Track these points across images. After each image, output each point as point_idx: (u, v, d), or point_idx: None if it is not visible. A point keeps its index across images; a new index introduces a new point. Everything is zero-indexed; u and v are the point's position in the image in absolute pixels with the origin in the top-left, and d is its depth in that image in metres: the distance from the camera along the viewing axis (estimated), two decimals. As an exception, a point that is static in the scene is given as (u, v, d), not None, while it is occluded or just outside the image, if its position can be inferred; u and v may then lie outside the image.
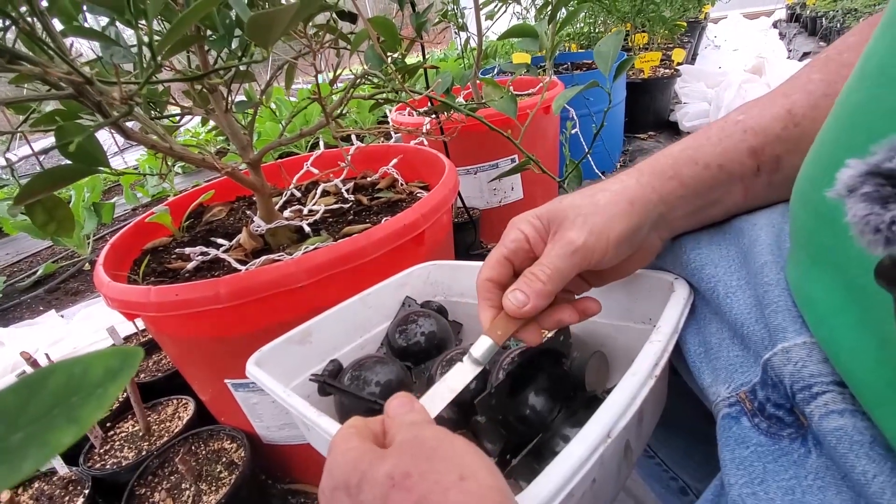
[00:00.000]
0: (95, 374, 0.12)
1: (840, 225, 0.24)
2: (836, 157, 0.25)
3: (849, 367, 0.24)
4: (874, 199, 0.16)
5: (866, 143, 0.23)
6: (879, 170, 0.16)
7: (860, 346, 0.24)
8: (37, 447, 0.11)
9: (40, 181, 0.47)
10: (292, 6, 0.35)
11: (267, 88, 0.77)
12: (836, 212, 0.24)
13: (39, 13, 0.36)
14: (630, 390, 0.29)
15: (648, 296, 0.41)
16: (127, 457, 0.81)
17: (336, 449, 0.25)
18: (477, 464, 0.23)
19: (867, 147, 0.22)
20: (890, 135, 0.16)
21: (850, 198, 0.16)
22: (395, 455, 0.23)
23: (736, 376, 0.31)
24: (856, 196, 0.16)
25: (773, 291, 0.29)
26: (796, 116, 0.33)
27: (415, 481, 0.22)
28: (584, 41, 2.59)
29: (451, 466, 0.22)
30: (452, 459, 0.23)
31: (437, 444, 0.23)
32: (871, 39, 0.25)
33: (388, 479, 0.22)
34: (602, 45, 0.57)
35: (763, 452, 0.27)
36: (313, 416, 0.36)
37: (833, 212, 0.25)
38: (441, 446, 0.23)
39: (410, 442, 0.24)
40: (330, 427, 0.35)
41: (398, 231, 0.68)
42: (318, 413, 0.37)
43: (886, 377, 0.22)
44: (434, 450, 0.23)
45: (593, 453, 0.25)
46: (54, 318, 1.54)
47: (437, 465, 0.22)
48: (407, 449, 0.23)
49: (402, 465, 0.22)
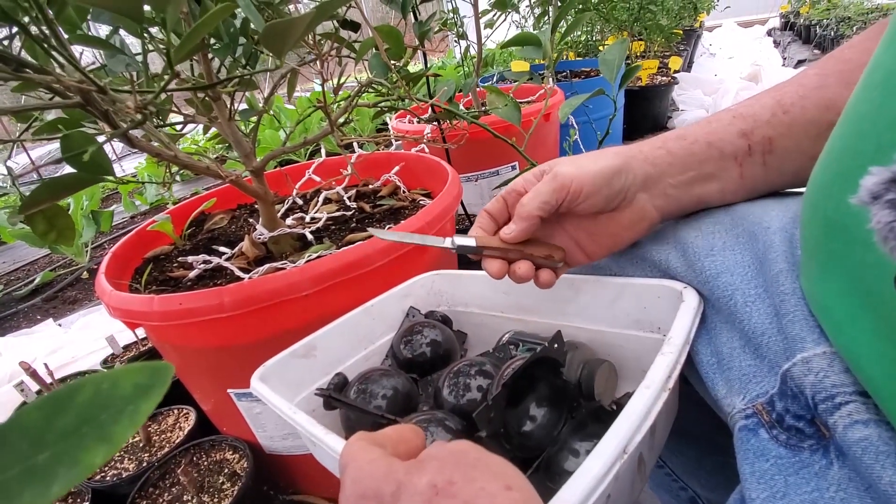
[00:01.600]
0: (125, 389, 0.12)
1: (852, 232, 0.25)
2: (844, 166, 0.26)
3: (870, 376, 0.24)
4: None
5: (875, 152, 0.23)
6: None
7: (879, 355, 0.23)
8: (66, 467, 0.11)
9: (45, 190, 0.47)
10: (308, 15, 0.35)
11: (270, 97, 0.77)
12: (847, 218, 0.24)
13: (49, 21, 0.35)
14: (644, 404, 0.28)
15: (657, 305, 0.41)
16: (127, 468, 0.80)
17: (358, 459, 0.25)
18: (520, 477, 0.23)
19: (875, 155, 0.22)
20: None
21: (875, 204, 0.16)
22: (437, 464, 0.23)
23: (751, 387, 0.31)
24: (880, 203, 0.16)
25: (790, 301, 0.29)
26: (785, 105, 0.35)
27: (460, 487, 0.21)
28: (581, 49, 2.61)
29: (495, 476, 0.22)
30: (496, 470, 0.22)
31: (480, 456, 0.23)
32: (877, 50, 0.25)
33: (430, 487, 0.22)
34: (607, 54, 0.57)
35: (783, 465, 0.27)
36: (320, 434, 0.36)
37: (844, 218, 0.25)
38: (483, 457, 0.23)
39: (451, 452, 0.24)
40: (337, 445, 0.34)
41: (403, 239, 0.67)
42: (326, 431, 0.36)
43: None
44: (478, 460, 0.23)
45: (610, 470, 0.25)
46: (52, 326, 1.52)
47: (481, 473, 0.22)
48: (448, 459, 0.23)
49: (446, 474, 0.22)
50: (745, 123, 0.35)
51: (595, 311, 0.45)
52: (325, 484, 0.85)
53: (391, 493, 0.22)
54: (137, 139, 0.56)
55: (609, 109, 0.65)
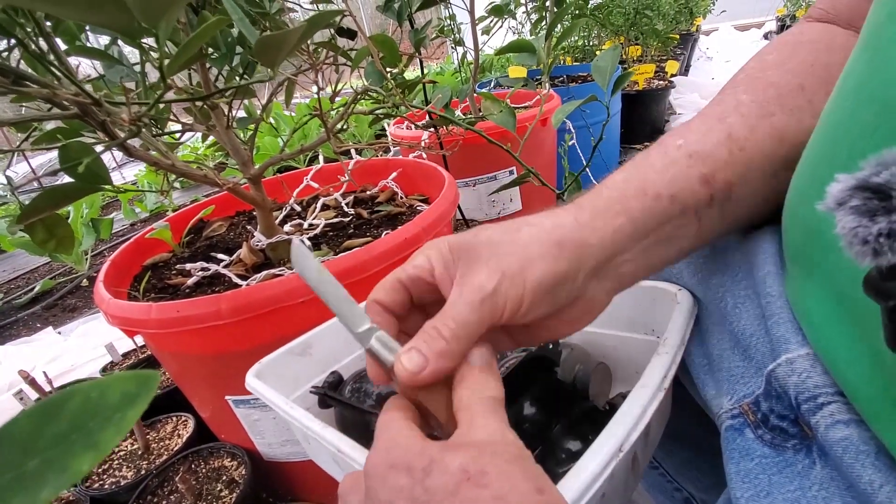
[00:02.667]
0: (112, 398, 0.12)
1: (828, 237, 0.25)
2: (819, 173, 0.26)
3: (847, 379, 0.25)
4: (862, 212, 0.16)
5: (847, 159, 0.24)
6: (867, 184, 0.16)
7: (855, 358, 0.24)
8: (55, 473, 0.11)
9: (44, 199, 0.47)
10: (300, 28, 0.35)
11: (268, 105, 0.78)
12: (823, 224, 0.25)
13: (45, 34, 0.36)
14: (640, 403, 0.29)
15: (652, 307, 0.41)
16: (125, 476, 0.80)
17: (394, 428, 0.24)
18: (551, 484, 0.22)
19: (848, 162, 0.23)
20: (873, 151, 0.17)
21: (840, 210, 0.17)
22: (474, 451, 0.22)
23: (738, 388, 0.31)
24: (845, 209, 0.17)
25: (776, 303, 0.29)
26: (739, 140, 0.31)
27: (491, 479, 0.21)
28: (578, 54, 2.63)
29: (530, 476, 0.21)
30: (532, 471, 0.22)
31: (520, 452, 0.22)
32: (850, 58, 0.26)
33: (461, 471, 0.21)
34: (600, 60, 0.58)
35: (768, 464, 0.27)
36: (317, 429, 0.36)
37: (820, 224, 0.25)
38: (523, 454, 0.22)
39: (492, 439, 0.23)
40: (334, 438, 0.34)
41: (399, 245, 0.68)
42: (323, 425, 0.36)
43: (881, 388, 0.22)
44: (516, 456, 0.22)
45: (605, 468, 0.25)
46: (52, 334, 1.52)
47: (516, 470, 0.21)
48: (487, 447, 0.22)
49: (481, 462, 0.21)
50: (705, 166, 0.30)
51: None
52: (322, 491, 0.85)
53: (422, 468, 0.22)
54: (135, 148, 0.56)
55: (605, 114, 0.66)
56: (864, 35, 0.25)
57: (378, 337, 0.26)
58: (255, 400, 0.71)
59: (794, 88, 0.32)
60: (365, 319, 0.27)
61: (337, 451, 0.33)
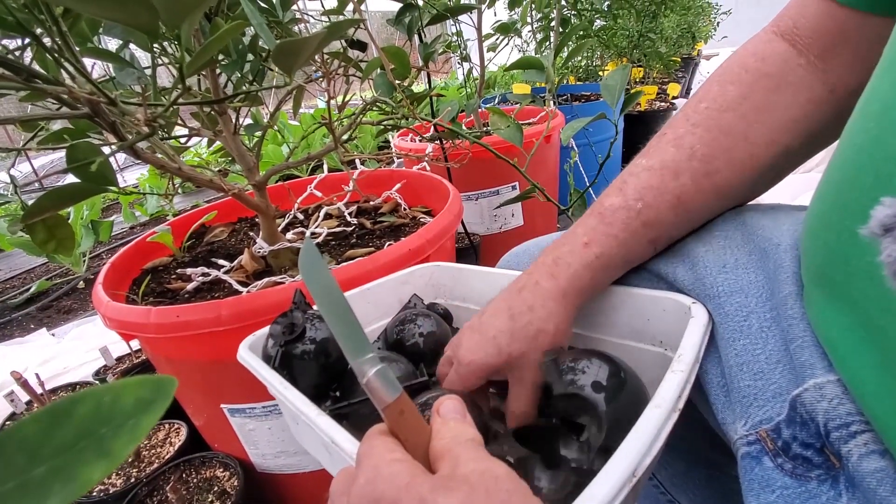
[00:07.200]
0: (126, 403, 0.12)
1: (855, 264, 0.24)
2: (842, 197, 0.25)
3: (875, 412, 0.24)
4: None
5: (874, 182, 0.23)
6: None
7: (884, 390, 0.23)
8: (62, 482, 0.11)
9: (48, 200, 0.47)
10: (319, 34, 0.35)
11: (276, 112, 0.78)
12: (849, 249, 0.24)
13: (62, 33, 0.36)
14: (655, 424, 0.27)
15: (662, 318, 0.40)
16: (114, 484, 0.78)
17: (378, 456, 0.22)
18: None
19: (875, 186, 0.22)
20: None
21: (887, 237, 0.16)
22: (467, 489, 0.20)
23: (752, 411, 0.30)
24: (893, 235, 0.16)
25: (799, 325, 0.29)
26: (686, 203, 0.37)
27: None
28: (582, 74, 2.66)
29: None
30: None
31: (515, 489, 0.21)
32: (872, 79, 0.25)
33: None
34: (609, 79, 0.58)
35: (790, 496, 0.26)
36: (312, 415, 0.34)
37: (845, 249, 0.24)
38: (519, 490, 0.21)
39: (483, 477, 0.21)
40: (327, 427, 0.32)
41: (403, 256, 0.67)
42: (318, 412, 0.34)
43: None
44: (510, 494, 0.21)
45: (618, 495, 0.23)
46: (45, 336, 1.51)
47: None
48: (479, 486, 0.21)
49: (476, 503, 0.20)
50: (654, 232, 0.37)
51: (594, 318, 0.44)
52: (315, 503, 0.83)
53: None
54: (143, 151, 0.56)
55: (608, 132, 0.67)
56: (889, 55, 0.24)
57: (380, 371, 0.24)
58: (250, 409, 0.69)
59: (741, 140, 0.36)
60: (368, 348, 0.24)
61: (331, 441, 0.32)
